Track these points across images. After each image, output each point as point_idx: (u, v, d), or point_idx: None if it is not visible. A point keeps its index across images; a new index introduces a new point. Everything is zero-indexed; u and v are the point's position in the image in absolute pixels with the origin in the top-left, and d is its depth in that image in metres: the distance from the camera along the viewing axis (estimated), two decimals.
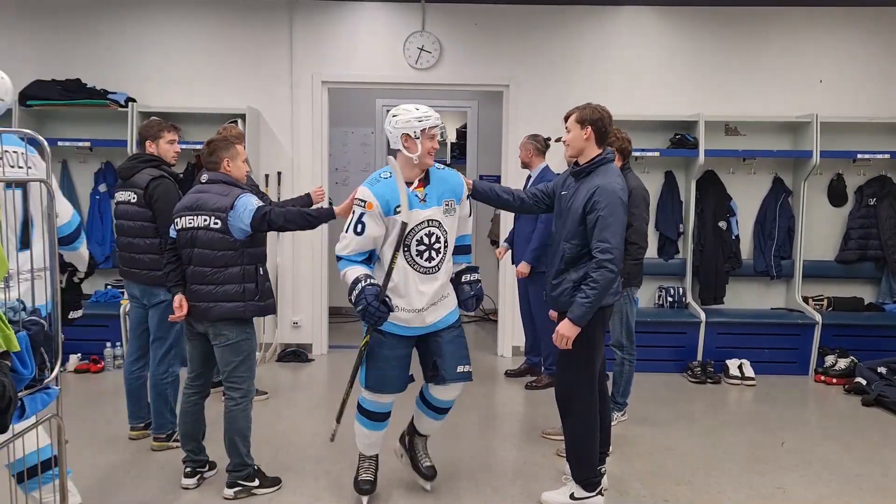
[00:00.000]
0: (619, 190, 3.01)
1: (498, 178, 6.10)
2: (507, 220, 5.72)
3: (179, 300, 3.31)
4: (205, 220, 3.21)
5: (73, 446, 2.81)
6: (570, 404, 3.18)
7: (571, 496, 3.21)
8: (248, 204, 3.20)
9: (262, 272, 3.32)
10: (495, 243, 7.17)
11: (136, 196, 3.73)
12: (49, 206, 2.42)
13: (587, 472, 3.18)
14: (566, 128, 3.18)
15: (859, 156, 5.69)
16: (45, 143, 2.50)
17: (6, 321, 2.02)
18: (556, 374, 3.35)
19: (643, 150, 5.71)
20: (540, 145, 5.03)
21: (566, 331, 3.03)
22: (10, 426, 2.05)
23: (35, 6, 5.81)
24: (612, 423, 3.91)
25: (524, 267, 4.95)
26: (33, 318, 2.27)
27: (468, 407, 4.77)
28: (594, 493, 3.20)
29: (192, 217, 3.23)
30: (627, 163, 4.06)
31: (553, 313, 3.34)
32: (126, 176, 3.79)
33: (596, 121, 3.08)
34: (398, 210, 2.98)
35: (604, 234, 2.96)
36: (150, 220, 3.71)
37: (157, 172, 3.75)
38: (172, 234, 3.32)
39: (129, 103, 5.57)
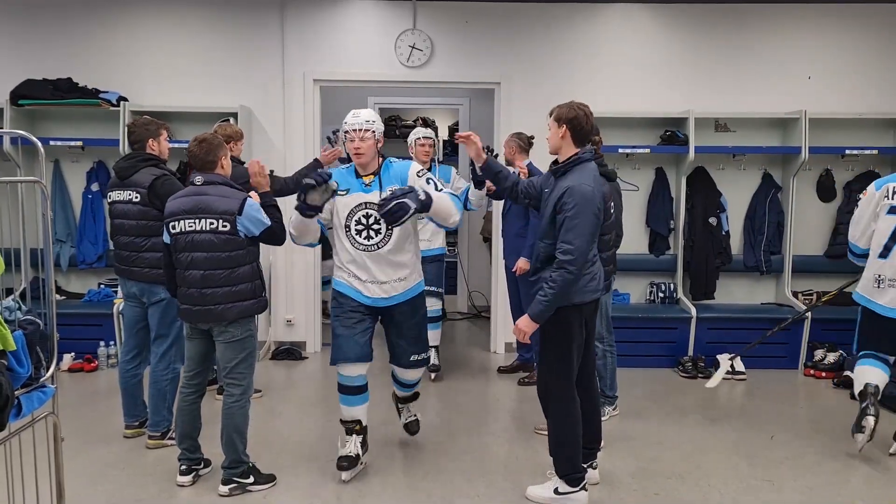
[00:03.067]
0: (590, 192, 2.97)
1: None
2: (499, 218, 5.74)
3: None
4: (212, 224, 3.20)
5: (68, 444, 2.83)
6: (549, 401, 3.22)
7: (555, 491, 3.24)
8: (258, 216, 3.27)
9: (260, 268, 3.41)
10: (488, 240, 7.20)
11: (139, 195, 3.75)
12: (44, 206, 2.44)
13: (569, 466, 3.21)
14: (548, 125, 3.18)
15: (848, 151, 5.74)
16: (38, 142, 2.52)
17: (2, 321, 2.04)
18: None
19: (633, 147, 5.76)
20: (523, 143, 5.02)
21: (523, 325, 3.09)
22: (7, 424, 2.07)
23: (26, 5, 5.79)
24: (604, 418, 3.96)
25: (524, 263, 4.86)
26: (29, 317, 2.29)
27: (461, 403, 4.81)
28: (578, 489, 3.22)
29: (193, 220, 3.22)
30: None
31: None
32: (125, 175, 3.79)
33: (571, 119, 3.07)
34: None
35: (567, 235, 2.96)
36: (154, 219, 3.72)
37: (160, 171, 3.77)
38: (167, 239, 3.33)
39: (121, 102, 5.56)
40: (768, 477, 3.63)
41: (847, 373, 5.17)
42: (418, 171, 3.48)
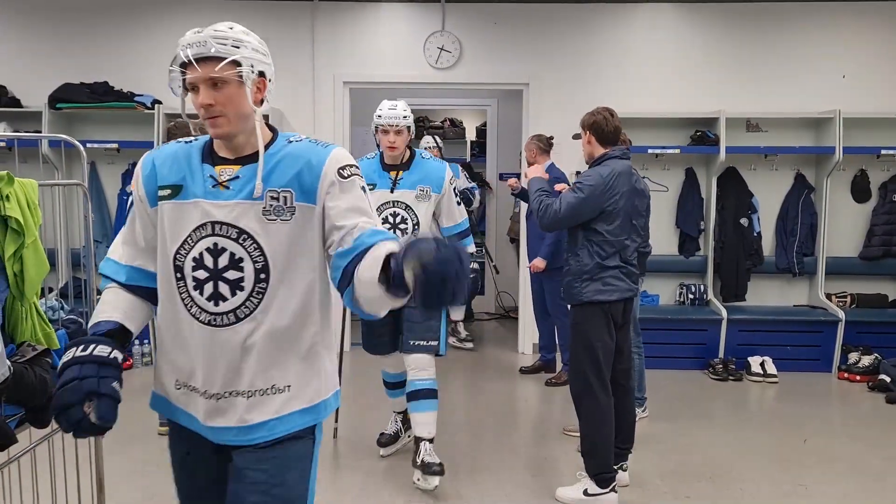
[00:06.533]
0: (603, 176, 3.13)
1: (518, 176, 6.11)
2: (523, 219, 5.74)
3: None
4: None
5: (106, 441, 2.89)
6: (580, 401, 3.27)
7: (585, 492, 3.24)
8: None
9: None
10: (515, 241, 7.21)
11: None
12: (86, 208, 2.50)
13: (599, 467, 3.21)
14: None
15: (883, 151, 5.64)
16: (80, 145, 2.58)
17: (47, 320, 2.11)
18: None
19: (664, 148, 5.72)
20: (543, 144, 5.17)
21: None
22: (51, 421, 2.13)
23: (63, 11, 5.93)
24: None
25: (540, 262, 5.02)
26: (72, 316, 2.35)
27: (489, 403, 4.83)
28: (608, 490, 3.22)
29: None
30: None
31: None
32: None
33: (592, 124, 3.28)
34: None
35: (565, 195, 3.19)
36: None
37: None
38: None
39: (156, 105, 5.67)
40: (801, 482, 3.59)
41: (882, 376, 5.09)
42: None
